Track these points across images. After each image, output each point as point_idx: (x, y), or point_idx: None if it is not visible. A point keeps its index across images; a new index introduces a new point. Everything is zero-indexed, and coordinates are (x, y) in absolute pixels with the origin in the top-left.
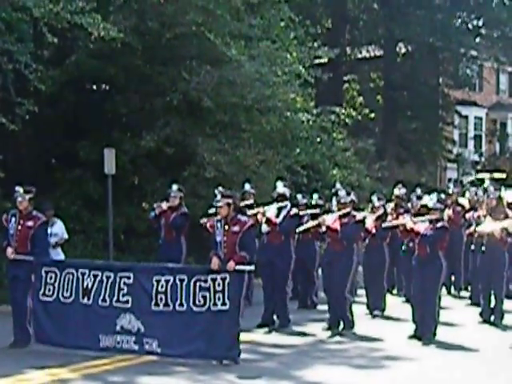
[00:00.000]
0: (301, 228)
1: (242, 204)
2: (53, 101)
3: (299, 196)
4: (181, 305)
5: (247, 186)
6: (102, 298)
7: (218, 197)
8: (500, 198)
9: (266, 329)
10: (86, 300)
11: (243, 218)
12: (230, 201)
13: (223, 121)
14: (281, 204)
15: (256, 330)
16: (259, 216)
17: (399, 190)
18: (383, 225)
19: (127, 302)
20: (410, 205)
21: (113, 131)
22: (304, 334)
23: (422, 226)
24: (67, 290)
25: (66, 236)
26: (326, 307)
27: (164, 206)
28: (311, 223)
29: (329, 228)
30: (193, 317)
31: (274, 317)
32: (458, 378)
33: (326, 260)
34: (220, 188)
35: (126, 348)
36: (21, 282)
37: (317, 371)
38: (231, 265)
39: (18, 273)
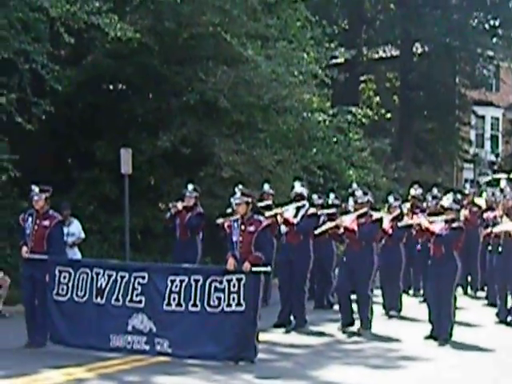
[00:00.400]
0: (318, 230)
1: (261, 204)
2: (69, 101)
3: (315, 196)
4: (194, 305)
5: (266, 187)
6: (115, 297)
7: (238, 194)
8: None
9: (283, 329)
10: (99, 299)
11: (259, 218)
12: (249, 200)
13: (240, 121)
14: (298, 204)
15: (272, 330)
16: (278, 217)
17: (415, 191)
18: (398, 224)
19: (140, 301)
20: (425, 205)
21: (129, 131)
22: (320, 334)
23: (437, 225)
24: (81, 290)
25: (82, 235)
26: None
27: (179, 206)
28: (329, 225)
29: (347, 229)
30: (206, 317)
31: (291, 317)
32: (473, 378)
33: (346, 261)
34: (240, 186)
35: (137, 348)
36: (37, 282)
37: (333, 371)
38: (247, 266)
39: (34, 272)
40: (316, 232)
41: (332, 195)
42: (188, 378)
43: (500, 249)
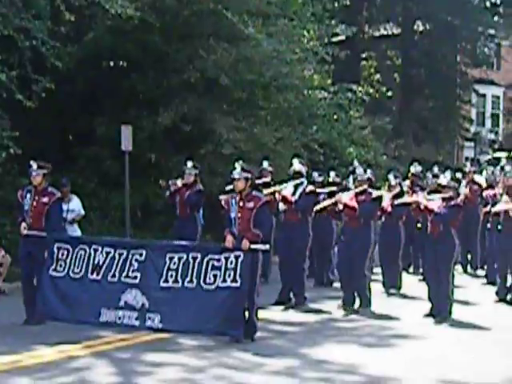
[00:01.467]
0: (318, 207)
1: (260, 182)
2: (70, 78)
3: (315, 174)
4: (190, 281)
5: (265, 164)
6: (111, 273)
7: (238, 169)
8: None
9: (282, 306)
10: (94, 275)
11: (258, 195)
12: (249, 176)
13: (240, 98)
14: (297, 181)
15: (270, 308)
16: (276, 194)
17: (415, 168)
18: (395, 202)
19: (135, 277)
20: (425, 183)
21: (130, 108)
22: (318, 312)
23: (435, 203)
24: (78, 266)
25: (82, 212)
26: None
27: (179, 183)
28: (328, 202)
29: (346, 206)
30: (200, 293)
31: (291, 294)
32: (470, 357)
33: (344, 238)
34: (240, 161)
35: (127, 323)
36: (35, 259)
37: (326, 349)
38: (245, 243)
39: (32, 249)
40: (315, 209)
41: (332, 173)
42: (181, 355)
43: (499, 227)
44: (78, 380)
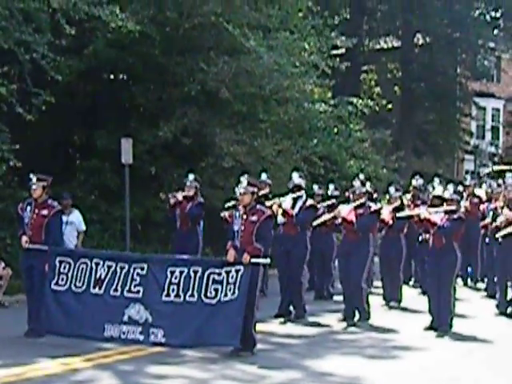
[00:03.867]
0: (317, 221)
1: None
2: (70, 91)
3: (315, 187)
4: (192, 296)
5: (264, 176)
6: (113, 288)
7: (244, 183)
8: None
9: (282, 319)
10: (97, 290)
11: (262, 209)
12: (255, 190)
13: (241, 111)
14: (295, 195)
15: (271, 321)
16: (275, 207)
17: (416, 181)
18: (397, 214)
19: (138, 292)
20: (427, 196)
21: (130, 121)
22: (319, 325)
23: (437, 216)
24: (80, 280)
25: (83, 228)
26: (342, 298)
27: (179, 196)
28: (327, 216)
29: (344, 219)
30: (201, 308)
31: (291, 307)
32: (471, 370)
33: (342, 251)
34: (246, 175)
35: (131, 338)
36: (36, 272)
37: (329, 362)
38: (246, 258)
39: (33, 262)
40: (314, 223)
41: (332, 186)
42: (185, 367)
43: (500, 240)
44: None
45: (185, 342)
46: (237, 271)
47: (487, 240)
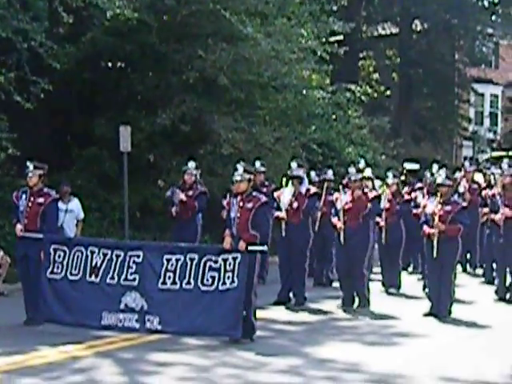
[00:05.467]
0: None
1: None
2: (68, 79)
3: (313, 174)
4: (188, 283)
5: (258, 164)
6: (110, 276)
7: (240, 170)
8: None
9: (282, 306)
10: (93, 278)
11: (258, 195)
12: (252, 177)
13: (239, 98)
14: (292, 188)
15: (270, 308)
16: (275, 194)
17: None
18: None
19: (134, 280)
20: (424, 181)
21: (128, 109)
22: (319, 312)
23: (431, 205)
24: (75, 268)
25: (82, 215)
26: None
27: (182, 196)
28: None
29: (344, 208)
30: (199, 295)
31: (290, 294)
32: (470, 354)
33: (343, 238)
34: (242, 163)
35: (128, 326)
36: (31, 260)
37: (329, 348)
38: (242, 245)
39: (28, 251)
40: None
41: (330, 172)
42: (185, 355)
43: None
44: (85, 380)
45: (182, 330)
46: (234, 259)
47: (487, 230)
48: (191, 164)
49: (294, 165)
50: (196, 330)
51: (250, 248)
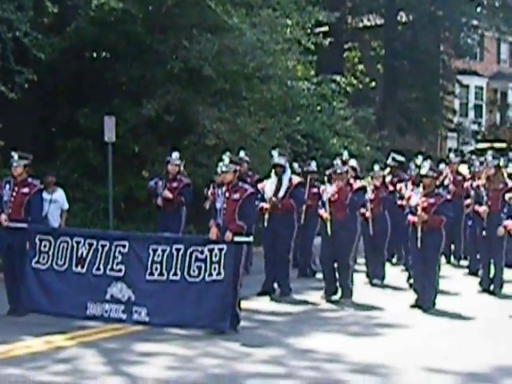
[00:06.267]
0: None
1: None
2: (52, 69)
3: (295, 165)
4: (175, 274)
5: (242, 154)
6: (96, 266)
7: (226, 161)
8: (498, 167)
9: (266, 297)
10: (79, 268)
11: (244, 186)
12: (238, 168)
13: (224, 89)
14: (274, 180)
15: (254, 298)
16: (259, 185)
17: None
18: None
19: (120, 270)
20: (408, 173)
21: (113, 99)
22: (302, 302)
23: (415, 197)
24: (61, 259)
25: (66, 206)
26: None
27: (168, 194)
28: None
29: (329, 200)
30: (186, 287)
31: (275, 285)
32: (455, 345)
33: (330, 229)
34: (228, 153)
35: (114, 317)
36: (16, 250)
37: (312, 339)
38: (228, 236)
39: (13, 240)
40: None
41: (313, 163)
42: (168, 345)
43: (484, 223)
44: (69, 370)
45: (169, 322)
46: (220, 250)
47: (469, 222)
48: (175, 154)
49: (275, 153)
50: (184, 323)
51: (236, 239)
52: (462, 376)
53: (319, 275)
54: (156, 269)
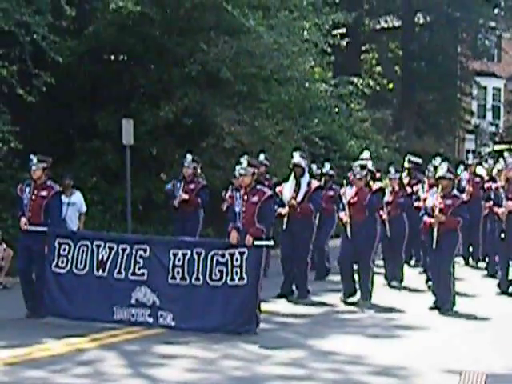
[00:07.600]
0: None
1: None
2: (71, 72)
3: (314, 167)
4: (197, 279)
5: (261, 157)
6: (117, 270)
7: (244, 164)
8: None
9: (285, 299)
10: (100, 272)
11: (263, 189)
12: (256, 170)
13: (242, 91)
14: (292, 184)
15: (273, 300)
16: (277, 189)
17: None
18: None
19: (143, 274)
20: (426, 174)
21: (131, 102)
22: (321, 304)
23: (431, 199)
24: (81, 262)
25: (84, 209)
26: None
27: (185, 196)
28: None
29: (349, 202)
30: (209, 291)
31: (293, 287)
32: (473, 347)
33: (350, 231)
34: (246, 156)
35: (141, 321)
36: (35, 254)
37: (332, 340)
38: (249, 240)
39: (31, 244)
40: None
41: (327, 165)
42: (188, 347)
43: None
44: (90, 372)
45: (196, 327)
46: (241, 254)
47: (489, 225)
48: (189, 157)
49: (296, 155)
50: (210, 328)
51: (256, 243)
52: None
53: (332, 276)
54: (178, 273)
